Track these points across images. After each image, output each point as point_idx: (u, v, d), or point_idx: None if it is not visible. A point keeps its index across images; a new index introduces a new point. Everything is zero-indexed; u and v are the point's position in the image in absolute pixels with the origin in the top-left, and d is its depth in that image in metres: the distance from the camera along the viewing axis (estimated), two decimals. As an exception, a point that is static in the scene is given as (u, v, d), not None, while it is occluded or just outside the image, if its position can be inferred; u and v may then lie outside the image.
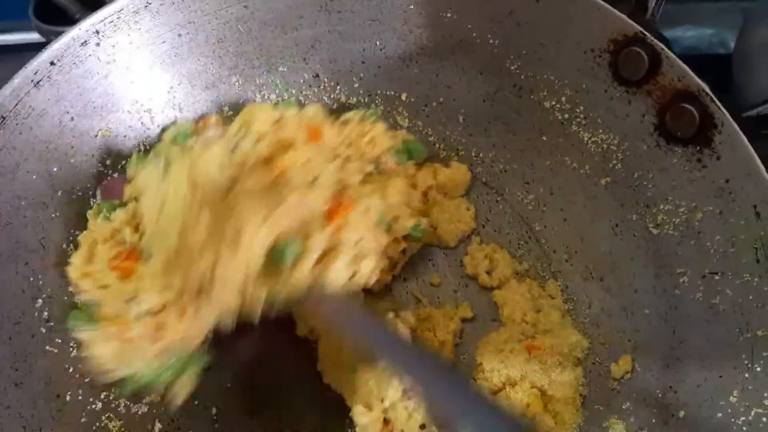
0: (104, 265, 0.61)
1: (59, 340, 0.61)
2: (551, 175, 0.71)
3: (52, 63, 0.61)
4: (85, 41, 0.63)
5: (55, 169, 0.63)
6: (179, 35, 0.68)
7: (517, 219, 0.74)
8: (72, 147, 0.64)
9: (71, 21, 0.93)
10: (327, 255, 0.58)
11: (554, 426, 0.60)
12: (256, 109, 0.69)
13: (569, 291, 0.69)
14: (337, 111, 0.77)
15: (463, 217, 0.75)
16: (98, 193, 0.68)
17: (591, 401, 0.62)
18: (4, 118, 0.58)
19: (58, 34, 0.85)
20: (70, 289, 0.63)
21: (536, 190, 0.73)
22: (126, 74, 0.67)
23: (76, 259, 0.62)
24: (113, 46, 0.65)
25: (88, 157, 0.66)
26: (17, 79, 0.59)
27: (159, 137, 0.72)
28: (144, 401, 0.65)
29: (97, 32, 0.63)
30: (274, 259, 0.55)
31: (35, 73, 0.60)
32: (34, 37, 0.98)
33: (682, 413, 0.55)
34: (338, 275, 0.58)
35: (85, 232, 0.65)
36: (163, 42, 0.68)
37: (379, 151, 0.71)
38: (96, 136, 0.66)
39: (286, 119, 0.68)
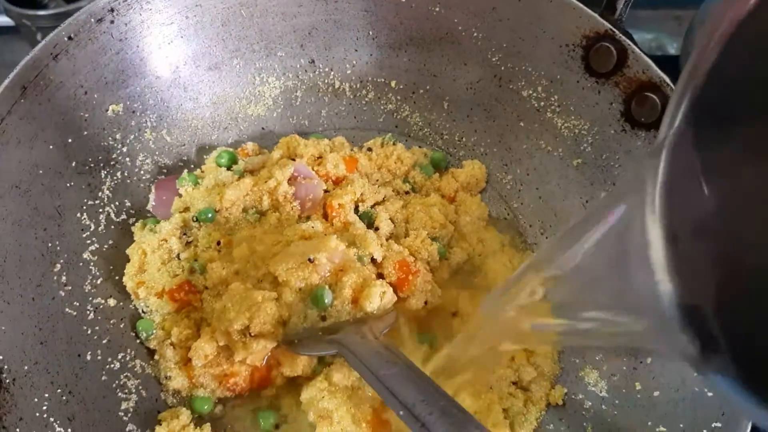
0: (156, 273, 0.67)
1: (77, 303, 0.63)
2: (528, 158, 0.78)
3: (69, 38, 0.63)
4: (101, 18, 0.65)
5: (69, 140, 0.65)
6: (186, 17, 0.72)
7: (497, 197, 0.81)
8: (85, 120, 0.66)
9: (40, 5, 0.94)
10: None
11: (536, 376, 0.68)
12: (292, 141, 0.77)
13: (545, 260, 0.77)
14: (334, 95, 0.82)
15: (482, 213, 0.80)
16: (152, 189, 0.73)
17: (567, 355, 0.70)
18: (25, 87, 0.60)
19: (29, 17, 0.87)
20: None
21: (514, 171, 0.80)
22: (136, 52, 0.69)
23: (129, 270, 0.68)
24: (126, 24, 0.67)
25: (99, 130, 0.68)
26: (37, 51, 0.61)
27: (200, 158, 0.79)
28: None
29: (112, 10, 0.66)
30: (313, 302, 0.63)
31: (54, 47, 0.62)
32: (2, 20, 0.97)
33: (649, 359, 0.63)
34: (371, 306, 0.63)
35: (132, 245, 0.69)
36: (172, 23, 0.71)
37: (407, 167, 0.80)
38: (107, 110, 0.68)
39: (325, 156, 0.76)
